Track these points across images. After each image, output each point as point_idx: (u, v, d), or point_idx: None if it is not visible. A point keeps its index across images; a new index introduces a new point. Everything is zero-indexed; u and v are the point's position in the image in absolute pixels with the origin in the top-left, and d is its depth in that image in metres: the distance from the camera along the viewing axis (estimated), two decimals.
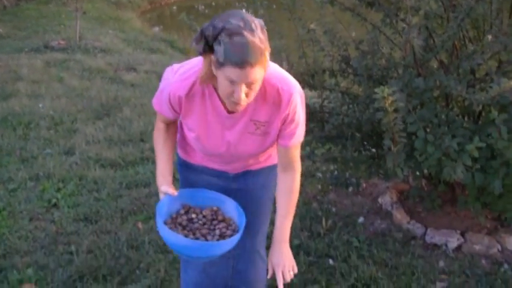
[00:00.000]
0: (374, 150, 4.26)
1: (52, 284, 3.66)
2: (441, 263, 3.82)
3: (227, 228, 2.33)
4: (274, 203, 2.58)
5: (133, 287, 3.59)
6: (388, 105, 2.98)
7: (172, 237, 2.19)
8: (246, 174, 2.64)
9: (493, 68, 3.58)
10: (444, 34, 3.48)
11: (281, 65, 3.64)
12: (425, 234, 4.15)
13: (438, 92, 3.59)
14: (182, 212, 2.42)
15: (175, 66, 2.41)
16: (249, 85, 2.05)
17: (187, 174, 2.72)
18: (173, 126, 2.55)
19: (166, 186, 2.38)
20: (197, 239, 2.28)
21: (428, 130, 3.35)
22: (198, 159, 2.63)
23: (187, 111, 2.33)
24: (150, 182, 5.18)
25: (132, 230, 4.34)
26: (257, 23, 2.04)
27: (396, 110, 3.07)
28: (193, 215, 2.40)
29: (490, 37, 3.45)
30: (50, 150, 6.00)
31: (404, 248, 4.01)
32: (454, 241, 4.02)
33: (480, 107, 3.76)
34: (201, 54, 2.10)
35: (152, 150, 5.92)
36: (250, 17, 2.03)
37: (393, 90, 2.97)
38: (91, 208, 4.71)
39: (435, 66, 3.82)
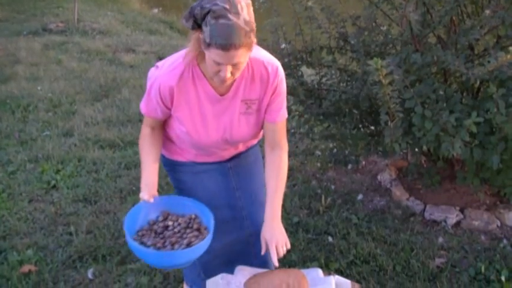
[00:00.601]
0: (372, 127, 4.24)
1: (52, 265, 3.66)
2: (441, 239, 3.82)
3: (197, 237, 2.33)
4: None
5: (132, 267, 3.59)
6: (382, 78, 2.96)
7: (133, 247, 2.24)
8: (237, 155, 2.68)
9: (490, 43, 3.55)
10: (441, 9, 3.45)
11: (278, 43, 3.62)
12: (424, 210, 4.15)
13: (436, 67, 3.57)
14: (160, 218, 2.45)
15: (159, 63, 2.40)
16: (235, 65, 2.11)
17: (173, 174, 2.72)
18: (159, 130, 2.53)
19: (144, 193, 2.40)
20: (165, 247, 2.29)
21: (425, 106, 3.33)
22: (187, 156, 2.63)
23: (179, 102, 2.34)
24: None
25: None
26: (243, 3, 2.06)
27: (391, 83, 3.06)
28: (170, 223, 2.42)
29: (487, 12, 3.41)
30: (48, 132, 5.98)
31: (403, 225, 4.01)
32: (453, 217, 4.01)
33: (478, 83, 3.74)
34: (191, 29, 2.13)
35: None
36: None
37: (387, 62, 2.95)
38: (90, 189, 4.70)
39: (433, 42, 3.79)
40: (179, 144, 2.56)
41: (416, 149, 4.09)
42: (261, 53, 2.37)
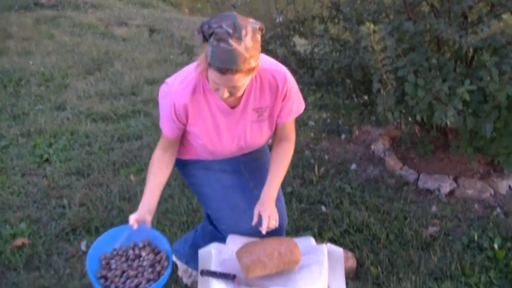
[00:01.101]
0: (365, 97, 4.22)
1: (45, 238, 3.65)
2: (434, 208, 3.82)
3: (148, 281, 2.33)
4: None
5: None
6: (375, 43, 2.94)
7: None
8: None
9: (484, 11, 3.52)
10: None
11: (270, 13, 3.58)
12: (417, 179, 4.14)
13: (429, 36, 3.54)
14: (140, 245, 2.49)
15: (169, 80, 2.41)
16: (232, 87, 2.16)
17: (185, 170, 2.76)
18: (172, 152, 2.56)
19: (132, 216, 2.43)
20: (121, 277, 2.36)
21: (418, 74, 3.30)
22: (201, 157, 2.67)
23: (194, 118, 2.39)
24: (142, 135, 5.15)
25: (124, 182, 4.33)
26: (250, 29, 2.07)
27: (384, 50, 3.04)
28: (143, 253, 2.45)
29: None
30: (41, 106, 5.95)
31: (396, 194, 4.01)
32: (446, 186, 4.01)
33: (472, 51, 3.71)
34: (203, 42, 2.17)
35: (144, 102, 5.89)
36: (244, 21, 2.08)
37: (379, 28, 2.92)
38: (82, 162, 4.69)
39: (426, 11, 3.75)
40: (194, 150, 2.61)
41: (409, 118, 4.08)
42: (266, 61, 2.40)
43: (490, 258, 3.27)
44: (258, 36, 2.11)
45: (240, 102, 2.39)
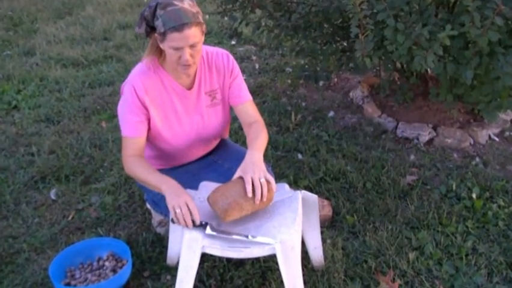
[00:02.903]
0: (344, 43, 4.17)
1: (13, 186, 3.60)
2: (412, 157, 3.82)
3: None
4: None
5: (96, 186, 3.55)
6: None
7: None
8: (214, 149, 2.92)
9: None
10: None
11: None
12: (396, 128, 4.13)
13: None
14: (105, 257, 2.81)
15: (128, 79, 2.49)
16: (192, 47, 2.28)
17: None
18: (141, 153, 2.51)
19: (183, 195, 2.27)
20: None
21: (398, 19, 3.25)
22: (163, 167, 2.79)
23: (155, 102, 2.47)
24: (114, 81, 5.08)
25: (95, 129, 4.28)
26: None
27: None
28: (106, 263, 2.77)
29: None
30: (9, 52, 5.85)
31: (374, 142, 4.00)
32: (425, 135, 4.00)
33: None
34: (146, 36, 2.37)
35: (116, 47, 5.79)
36: None
37: None
38: (52, 108, 4.61)
39: None
40: (157, 162, 2.75)
41: (389, 65, 4.03)
42: (208, 46, 2.61)
43: (468, 207, 3.28)
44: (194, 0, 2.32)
45: (194, 83, 2.54)
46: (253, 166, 2.30)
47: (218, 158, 2.86)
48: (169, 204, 2.22)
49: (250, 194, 2.21)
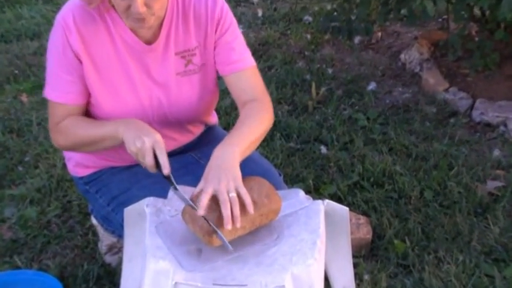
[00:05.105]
0: None
1: None
2: (497, 152, 3.84)
3: None
4: None
5: (12, 192, 3.56)
6: None
7: None
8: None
9: None
10: None
11: None
12: (471, 108, 4.16)
13: None
14: None
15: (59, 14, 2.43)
16: None
17: (97, 187, 2.70)
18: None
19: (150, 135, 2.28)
20: None
21: None
22: (115, 162, 2.67)
23: (92, 51, 2.40)
24: (40, 31, 5.13)
25: (11, 105, 4.33)
26: None
27: None
28: None
29: None
30: None
31: (438, 129, 4.02)
32: None
33: None
34: None
35: None
36: None
37: None
38: None
39: None
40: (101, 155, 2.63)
41: (462, 11, 4.04)
42: None
43: None
44: None
45: (158, 39, 2.45)
46: (219, 172, 2.25)
47: (201, 156, 2.75)
48: (128, 144, 2.23)
49: (201, 212, 2.15)
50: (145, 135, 2.18)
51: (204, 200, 2.07)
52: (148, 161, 2.15)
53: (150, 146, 2.16)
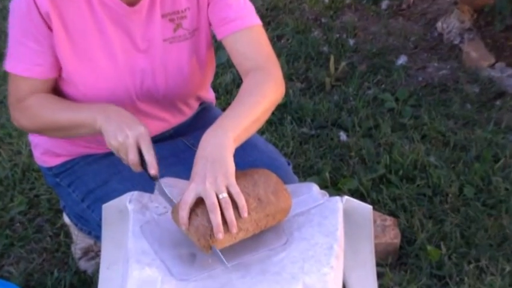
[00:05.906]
0: None
1: None
2: None
3: None
4: None
5: None
6: None
7: None
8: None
9: None
10: None
11: None
12: None
13: None
14: None
15: None
16: None
17: (70, 178, 2.69)
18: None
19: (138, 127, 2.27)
20: None
21: None
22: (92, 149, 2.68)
23: (64, 15, 2.37)
24: None
25: None
26: None
27: None
28: None
29: None
30: None
31: (481, 113, 4.03)
32: None
33: None
34: None
35: None
36: None
37: None
38: None
39: None
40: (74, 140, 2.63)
41: None
42: None
43: None
44: None
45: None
46: (205, 166, 2.20)
47: (194, 142, 2.61)
48: (107, 138, 2.21)
49: (183, 227, 2.13)
50: (129, 127, 2.16)
51: (184, 215, 2.03)
52: (132, 159, 2.13)
53: (134, 140, 2.14)
